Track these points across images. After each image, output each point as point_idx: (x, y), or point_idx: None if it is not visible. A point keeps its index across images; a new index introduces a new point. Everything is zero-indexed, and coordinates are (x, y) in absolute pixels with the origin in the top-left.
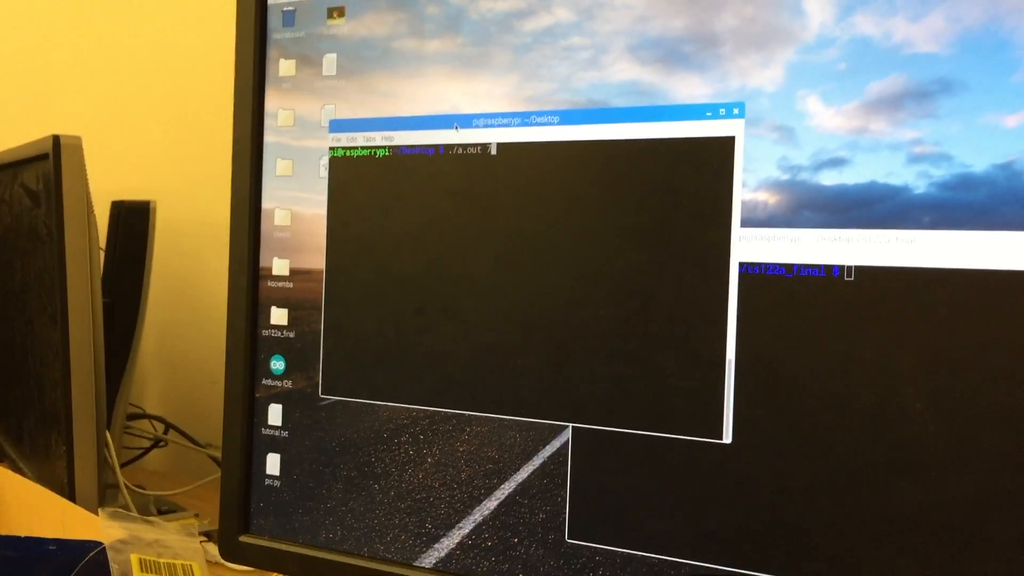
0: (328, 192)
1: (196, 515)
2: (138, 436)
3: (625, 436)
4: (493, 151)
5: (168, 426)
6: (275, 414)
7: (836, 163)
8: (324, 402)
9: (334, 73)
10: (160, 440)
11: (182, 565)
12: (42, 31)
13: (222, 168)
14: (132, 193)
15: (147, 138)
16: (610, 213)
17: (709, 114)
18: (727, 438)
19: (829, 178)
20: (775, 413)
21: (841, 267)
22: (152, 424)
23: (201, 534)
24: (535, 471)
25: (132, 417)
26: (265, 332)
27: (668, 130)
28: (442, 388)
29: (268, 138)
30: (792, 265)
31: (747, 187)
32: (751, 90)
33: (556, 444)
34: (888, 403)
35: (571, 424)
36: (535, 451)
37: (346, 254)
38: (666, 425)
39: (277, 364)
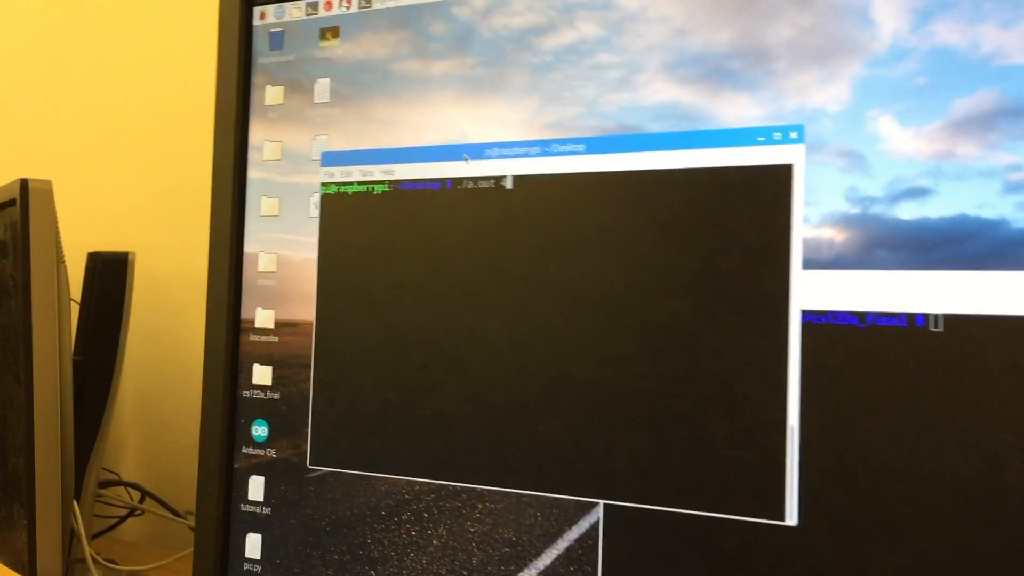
0: (319, 234)
1: None
2: (112, 505)
3: (667, 516)
4: (508, 185)
5: (144, 494)
6: (256, 487)
7: (916, 194)
8: (313, 474)
9: (327, 100)
10: (135, 510)
11: None
12: (12, 71)
13: (205, 217)
14: (109, 244)
15: (125, 186)
16: (646, 255)
17: (762, 139)
18: (792, 519)
19: (908, 211)
20: (849, 490)
21: (926, 315)
22: (128, 492)
23: None
24: (559, 556)
25: (106, 484)
26: (246, 393)
27: (714, 158)
28: (450, 458)
29: (252, 174)
30: (866, 314)
31: (809, 223)
32: (811, 111)
33: (585, 525)
34: (989, 477)
35: (602, 501)
36: (560, 533)
37: (339, 304)
38: (718, 503)
39: (259, 430)
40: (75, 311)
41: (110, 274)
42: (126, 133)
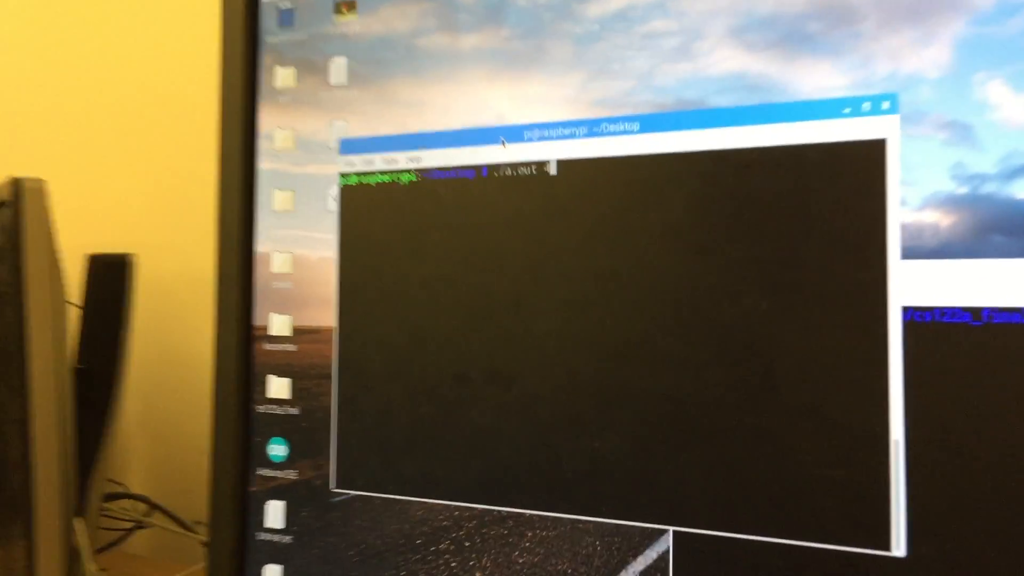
0: (339, 229)
1: None
2: (118, 519)
3: (748, 546)
4: (552, 170)
5: (152, 506)
6: (275, 513)
7: None
8: (338, 498)
9: (344, 81)
10: (141, 524)
11: None
12: (4, 65)
13: (211, 215)
14: (110, 246)
15: (125, 184)
16: (716, 247)
17: (848, 111)
18: (899, 550)
19: None
20: (967, 515)
21: None
22: (135, 504)
23: None
24: None
25: (111, 497)
26: (261, 408)
27: (791, 134)
28: (494, 480)
29: (262, 165)
30: (981, 309)
31: (908, 206)
32: (906, 77)
33: (651, 555)
34: None
35: (672, 528)
36: (622, 564)
37: (364, 307)
38: (809, 531)
39: (277, 449)
40: (76, 317)
41: (111, 277)
42: (125, 127)
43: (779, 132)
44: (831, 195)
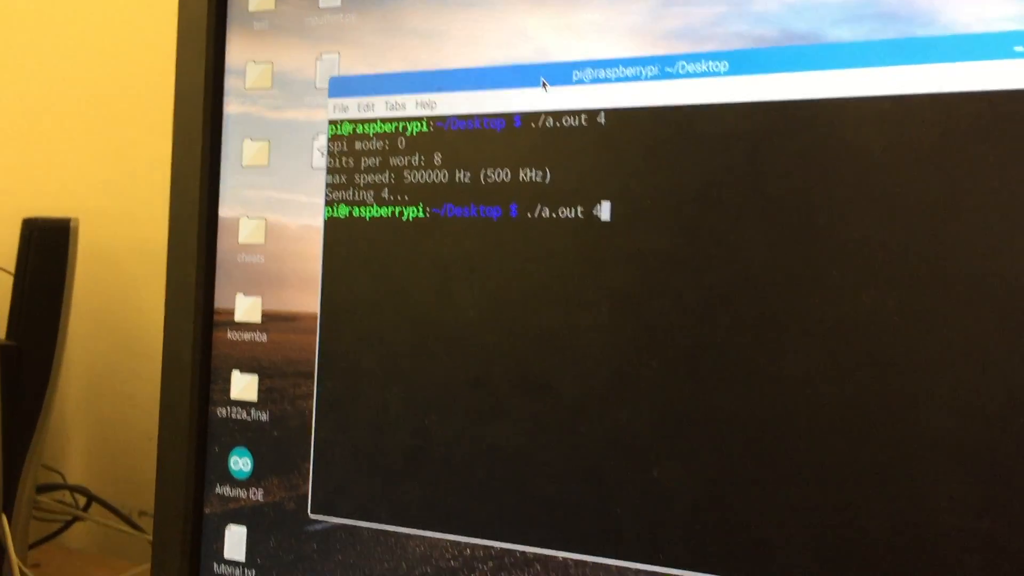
0: (326, 191)
1: None
2: (53, 512)
3: None
4: (603, 121)
5: (91, 498)
6: (235, 542)
7: None
8: (317, 526)
9: (337, 3)
10: (78, 516)
11: None
12: None
13: (165, 175)
14: (48, 210)
15: (67, 143)
16: (828, 222)
17: (1020, 49)
18: None
19: None
20: None
21: None
22: (72, 496)
23: None
24: None
25: (46, 487)
26: (222, 411)
27: (940, 79)
28: (517, 512)
29: (231, 107)
30: None
31: None
32: None
33: None
34: None
35: None
36: None
37: (355, 290)
38: None
39: (241, 462)
40: (8, 287)
41: (49, 244)
42: (66, 76)
43: (925, 76)
44: (992, 160)
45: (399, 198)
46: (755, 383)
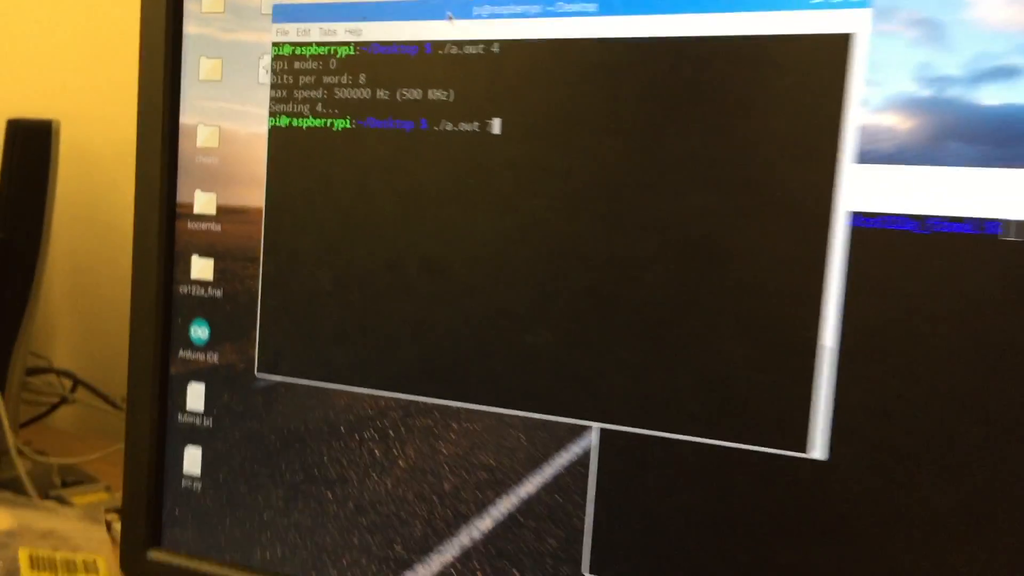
0: (270, 103)
1: (108, 488)
2: (42, 393)
3: (671, 444)
4: (496, 50)
5: (77, 382)
6: (196, 396)
7: (1005, 74)
8: (261, 383)
9: None
10: (65, 398)
11: (83, 560)
12: None
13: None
14: (31, 111)
15: (48, 47)
16: (664, 142)
17: (816, 2)
18: (818, 452)
19: (993, 96)
20: (890, 421)
21: (1003, 222)
22: (59, 379)
23: (113, 511)
24: (545, 484)
25: (35, 371)
26: (183, 289)
27: (756, 24)
28: (422, 370)
29: (189, 28)
30: (928, 218)
31: (868, 106)
32: None
33: (576, 450)
34: None
35: (598, 424)
36: (546, 458)
37: (295, 187)
38: (730, 431)
39: (199, 331)
40: None
41: (32, 144)
42: None
43: (744, 22)
44: (791, 92)
45: (330, 111)
46: (604, 268)
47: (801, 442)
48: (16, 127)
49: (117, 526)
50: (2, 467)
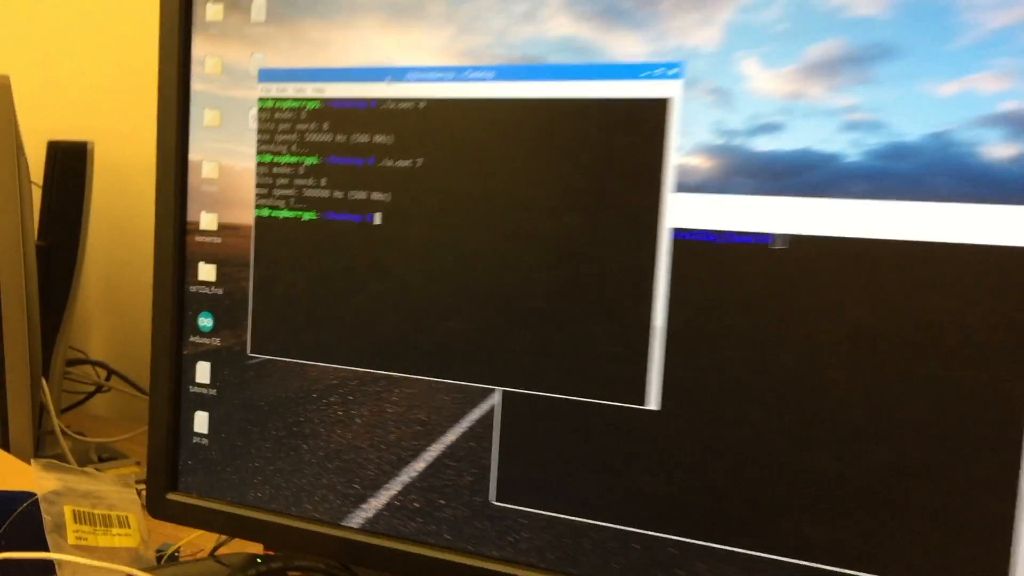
0: (257, 144)
1: (137, 463)
2: (80, 382)
3: (553, 401)
4: (423, 106)
5: (111, 372)
6: (203, 372)
7: (771, 128)
8: (253, 361)
9: (263, 19)
10: (101, 387)
11: (117, 516)
12: None
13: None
14: (69, 133)
15: (84, 77)
16: (544, 174)
17: (645, 74)
18: (653, 404)
19: (763, 144)
20: (702, 381)
21: (771, 235)
22: (95, 370)
23: (140, 482)
24: (463, 434)
25: (74, 363)
26: (193, 288)
27: (604, 90)
28: (371, 349)
29: (195, 86)
30: (722, 232)
31: (681, 151)
32: (689, 50)
33: (485, 407)
34: (811, 372)
35: (500, 388)
36: (463, 414)
37: (276, 210)
38: (594, 390)
39: (205, 321)
40: (38, 199)
41: (71, 162)
42: (84, 24)
43: (596, 87)
44: (629, 140)
45: (302, 151)
46: (502, 270)
47: (640, 397)
48: (56, 148)
49: (144, 493)
50: (48, 445)
